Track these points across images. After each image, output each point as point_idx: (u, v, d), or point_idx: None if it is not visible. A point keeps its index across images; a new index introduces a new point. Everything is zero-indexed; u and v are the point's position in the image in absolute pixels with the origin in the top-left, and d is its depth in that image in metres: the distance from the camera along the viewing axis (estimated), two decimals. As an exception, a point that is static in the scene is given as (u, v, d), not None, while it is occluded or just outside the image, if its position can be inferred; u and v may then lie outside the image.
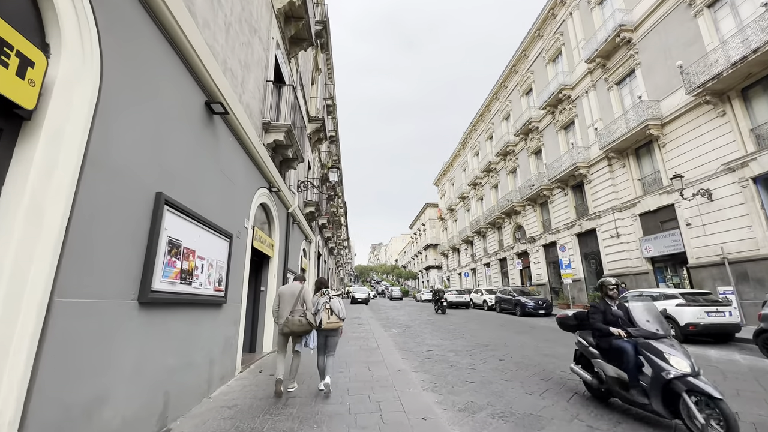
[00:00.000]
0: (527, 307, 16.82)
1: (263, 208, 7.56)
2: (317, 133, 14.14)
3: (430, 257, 56.46)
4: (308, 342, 4.83)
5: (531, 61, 24.72)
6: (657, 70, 14.70)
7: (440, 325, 13.44)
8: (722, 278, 11.87)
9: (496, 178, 30.61)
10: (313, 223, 15.00)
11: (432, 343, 9.19)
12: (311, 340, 4.82)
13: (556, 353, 7.52)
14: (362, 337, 9.62)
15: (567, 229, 20.50)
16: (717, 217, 12.14)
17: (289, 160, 8.33)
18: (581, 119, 19.43)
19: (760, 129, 11.19)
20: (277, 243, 8.27)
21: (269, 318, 7.77)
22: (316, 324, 4.70)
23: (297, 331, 4.64)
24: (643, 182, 15.79)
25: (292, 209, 9.42)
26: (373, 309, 24.14)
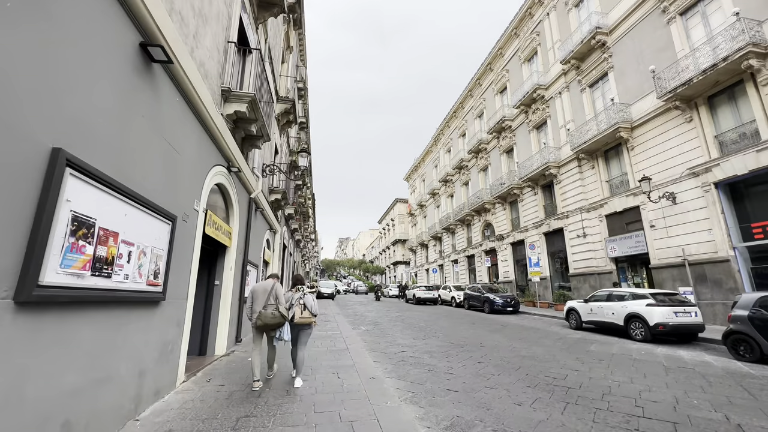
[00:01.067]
0: (496, 305, 16.77)
1: (220, 189, 6.57)
2: (286, 115, 13.06)
3: (398, 253, 56.32)
4: (282, 334, 4.89)
5: (507, 60, 24.78)
6: (629, 75, 14.97)
7: (411, 323, 12.95)
8: (682, 279, 12.28)
9: (467, 175, 30.69)
10: (278, 212, 13.94)
11: (404, 342, 8.62)
12: (285, 333, 4.90)
13: (535, 354, 7.19)
14: (330, 336, 8.86)
15: (535, 228, 20.77)
16: (680, 220, 12.52)
17: (252, 138, 7.35)
18: (554, 120, 19.65)
19: (723, 136, 11.58)
20: (236, 231, 7.30)
21: (224, 316, 6.82)
22: (288, 317, 4.87)
23: (270, 323, 4.81)
24: (610, 184, 16.15)
25: (255, 194, 8.43)
26: (339, 305, 23.35)
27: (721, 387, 5.00)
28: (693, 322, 8.82)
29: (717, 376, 5.58)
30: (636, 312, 9.24)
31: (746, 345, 6.87)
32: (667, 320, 8.67)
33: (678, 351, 7.77)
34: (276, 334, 4.91)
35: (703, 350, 7.95)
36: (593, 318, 10.75)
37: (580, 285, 16.98)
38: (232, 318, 7.32)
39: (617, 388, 4.91)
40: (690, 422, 3.74)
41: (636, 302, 9.41)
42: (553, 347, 8.03)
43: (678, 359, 6.88)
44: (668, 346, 8.35)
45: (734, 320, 7.11)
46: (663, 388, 4.91)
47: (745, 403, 4.35)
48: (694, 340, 9.23)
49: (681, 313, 8.81)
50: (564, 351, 7.58)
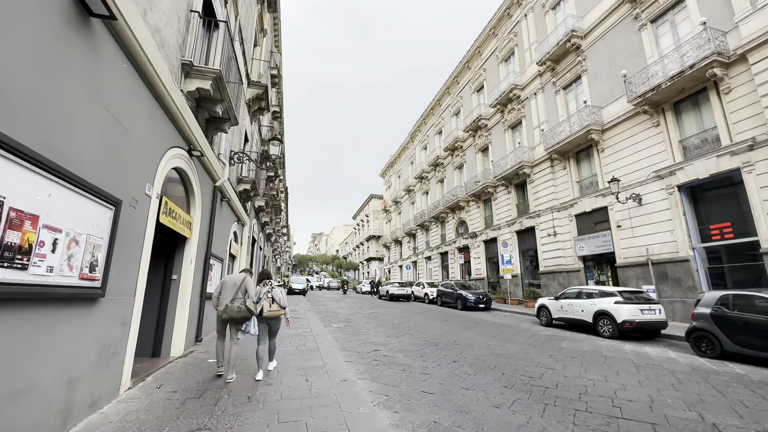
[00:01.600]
0: (468, 301, 16.87)
1: (179, 175, 5.96)
2: (258, 101, 12.37)
3: (372, 249, 56.06)
4: (248, 328, 4.94)
5: (484, 59, 24.95)
6: (601, 78, 15.37)
7: (384, 320, 12.70)
8: (645, 277, 12.77)
9: (442, 172, 30.80)
10: (248, 203, 13.23)
11: (377, 341, 8.33)
12: (251, 327, 4.95)
13: (509, 352, 7.11)
14: (299, 335, 8.42)
15: (508, 226, 21.09)
16: (645, 221, 12.99)
17: (218, 121, 6.76)
18: (528, 120, 19.96)
19: (687, 141, 12.08)
20: (198, 221, 6.70)
21: (182, 313, 6.24)
22: (256, 311, 4.91)
23: (236, 317, 4.82)
24: (581, 184, 16.58)
25: (221, 183, 7.82)
26: (311, 301, 22.78)
27: (690, 384, 5.06)
28: (657, 320, 9.10)
29: (684, 373, 5.68)
30: (604, 309, 9.44)
31: (708, 342, 7.10)
32: (633, 317, 8.90)
33: (644, 347, 7.96)
34: (243, 327, 4.96)
35: (666, 346, 8.20)
36: (563, 315, 10.92)
37: (549, 282, 17.38)
38: (192, 316, 6.73)
39: (593, 387, 4.85)
40: (668, 422, 3.68)
41: (604, 300, 9.61)
42: (527, 345, 8.01)
43: (645, 356, 7.01)
44: (635, 343, 8.56)
45: (697, 318, 7.34)
46: (637, 387, 4.90)
47: (715, 400, 4.38)
48: (657, 336, 9.55)
49: (646, 311, 9.07)
50: (537, 348, 7.56)
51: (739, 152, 10.30)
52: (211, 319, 8.22)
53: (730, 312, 6.86)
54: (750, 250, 10.23)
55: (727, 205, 10.98)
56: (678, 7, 12.56)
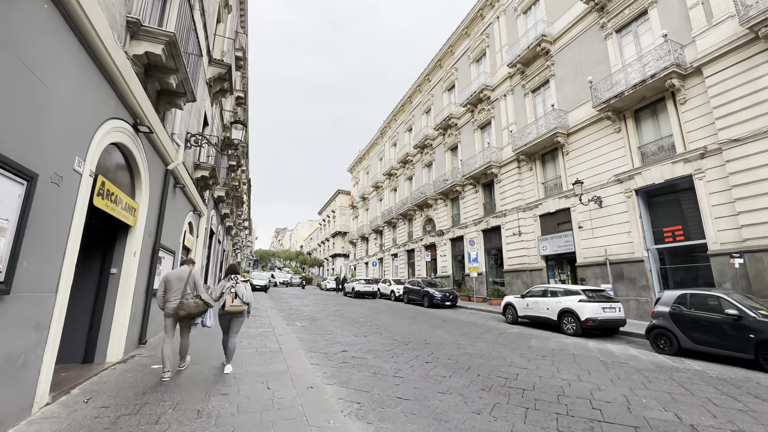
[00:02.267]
0: (435, 299, 16.84)
1: (122, 152, 5.15)
2: (220, 81, 11.41)
3: (337, 245, 55.19)
4: (205, 321, 5.00)
5: (456, 58, 25.08)
6: (568, 84, 15.85)
7: (350, 317, 12.26)
8: (603, 277, 13.32)
9: (411, 170, 30.75)
10: (206, 192, 12.21)
11: (345, 340, 7.89)
12: (208, 319, 5.00)
13: (481, 352, 6.96)
14: (260, 335, 7.78)
15: (474, 225, 21.37)
16: (604, 222, 13.55)
17: (171, 94, 5.96)
18: (498, 121, 20.28)
19: (645, 147, 12.70)
20: (145, 208, 5.88)
21: (123, 312, 5.44)
22: (213, 303, 4.92)
23: (194, 312, 4.79)
24: (546, 186, 17.06)
25: (175, 166, 6.99)
26: (273, 298, 21.81)
27: (659, 383, 5.11)
28: (617, 317, 9.42)
29: (650, 371, 5.78)
30: (569, 307, 9.63)
31: (666, 339, 7.37)
32: (596, 315, 9.14)
33: (607, 345, 8.16)
34: (199, 320, 5.00)
35: (626, 344, 8.47)
36: (529, 313, 11.08)
37: (513, 281, 17.78)
38: (135, 315, 5.92)
39: (569, 388, 4.74)
40: (649, 425, 3.59)
41: (569, 298, 9.82)
42: (496, 343, 7.93)
43: (610, 354, 7.14)
44: (597, 340, 8.78)
45: (657, 316, 7.61)
46: (610, 386, 4.86)
47: (686, 399, 4.41)
48: (616, 333, 9.90)
49: (608, 309, 9.36)
50: (507, 347, 7.49)
51: (691, 160, 10.93)
52: (159, 318, 7.37)
53: (687, 310, 7.15)
54: (698, 251, 10.91)
55: (679, 210, 11.65)
56: (641, 19, 13.14)
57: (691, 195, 11.12)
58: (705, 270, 10.69)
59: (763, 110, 9.37)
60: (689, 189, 11.14)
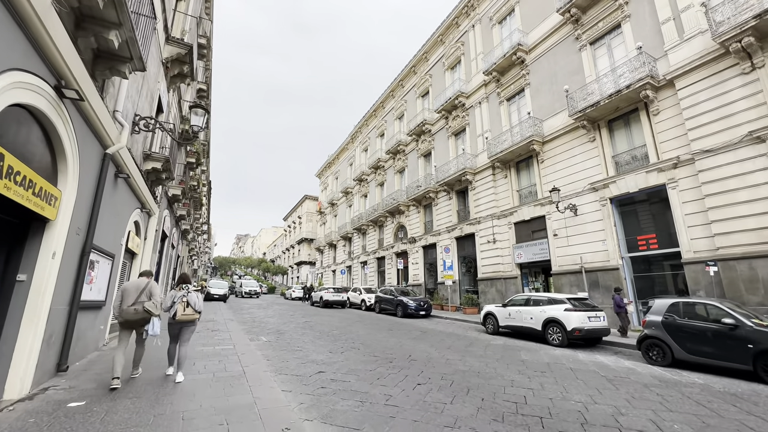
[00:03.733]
0: (409, 308, 16.12)
1: (37, 120, 3.95)
2: (179, 64, 10.12)
3: (303, 252, 53.20)
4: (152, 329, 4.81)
5: (431, 65, 24.99)
6: (543, 93, 16.00)
7: (321, 329, 11.18)
8: (578, 285, 13.27)
9: (383, 176, 30.15)
10: (158, 188, 10.73)
11: (319, 358, 6.89)
12: (152, 327, 4.81)
13: (474, 368, 6.26)
14: (219, 354, 6.59)
15: (448, 232, 21.02)
16: (579, 230, 13.57)
17: (113, 58, 4.81)
18: (472, 128, 20.21)
19: (619, 157, 12.90)
20: (72, 197, 4.64)
21: (31, 332, 4.15)
22: (155, 312, 4.74)
23: (131, 320, 4.70)
24: (520, 193, 17.04)
25: (116, 150, 5.74)
26: (233, 308, 20.04)
27: (678, 402, 4.64)
28: (602, 327, 9.17)
29: (656, 386, 5.35)
30: (554, 317, 9.26)
31: (659, 349, 7.10)
32: (582, 325, 8.82)
33: (597, 356, 7.79)
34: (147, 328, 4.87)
35: (614, 354, 8.17)
36: (511, 323, 10.63)
37: (487, 289, 17.48)
38: (53, 334, 4.61)
39: (588, 413, 4.13)
40: (701, 462, 3.01)
41: (554, 307, 9.46)
42: (487, 357, 7.29)
43: (606, 367, 6.73)
44: (585, 351, 8.42)
45: (648, 326, 7.34)
46: (630, 409, 4.32)
47: (718, 423, 3.94)
48: (598, 343, 9.65)
49: (593, 318, 9.08)
50: (500, 362, 6.86)
51: (665, 169, 11.13)
52: (89, 336, 6.00)
53: (680, 320, 6.92)
54: (672, 259, 11.05)
55: (653, 218, 11.83)
56: (615, 32, 13.47)
57: (664, 204, 11.30)
58: (679, 278, 10.83)
59: (732, 122, 9.64)
60: (663, 198, 11.32)
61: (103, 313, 6.62)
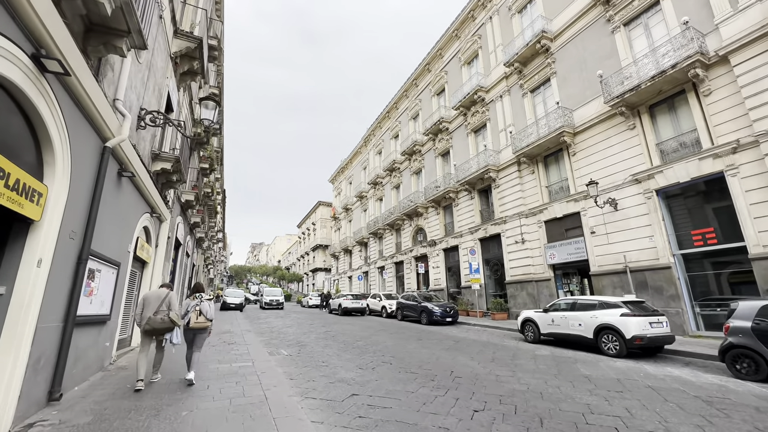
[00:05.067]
0: (434, 315, 15.12)
1: (12, 99, 3.26)
2: (189, 60, 9.56)
3: (318, 259, 52.69)
4: (171, 338, 5.20)
5: (446, 61, 24.16)
6: (572, 81, 14.95)
7: (344, 340, 10.33)
8: (622, 286, 12.07)
9: (399, 178, 29.31)
10: (170, 193, 10.14)
11: (349, 376, 6.02)
12: (174, 337, 5.21)
13: (534, 388, 5.29)
14: (236, 373, 5.79)
15: (471, 234, 19.97)
16: (621, 227, 12.40)
17: (109, 33, 4.12)
18: (494, 123, 19.22)
19: (664, 144, 11.74)
20: (62, 194, 3.94)
21: (13, 354, 3.43)
22: (180, 323, 5.17)
23: (158, 328, 5.02)
24: (550, 189, 15.93)
25: (117, 143, 5.06)
26: (249, 317, 19.40)
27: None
28: (666, 334, 8.03)
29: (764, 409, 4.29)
30: (608, 323, 8.17)
31: (749, 361, 5.98)
32: (644, 332, 7.71)
33: (668, 369, 6.69)
34: (167, 337, 5.22)
35: (686, 366, 7.04)
36: (554, 330, 9.56)
37: (517, 293, 16.36)
38: (44, 357, 3.89)
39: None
40: None
41: (607, 312, 8.36)
42: (541, 373, 6.30)
43: (689, 383, 5.65)
44: (649, 362, 7.32)
45: (734, 332, 6.23)
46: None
47: None
48: (658, 352, 8.48)
49: (655, 324, 7.96)
50: (560, 379, 5.86)
51: (722, 155, 9.95)
52: (90, 355, 5.29)
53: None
54: (735, 255, 9.82)
55: (708, 210, 10.62)
56: (652, 10, 12.38)
57: (722, 193, 10.10)
58: (745, 275, 9.58)
59: (805, 97, 8.48)
60: (721, 187, 10.12)
61: (108, 329, 5.93)
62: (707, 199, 10.67)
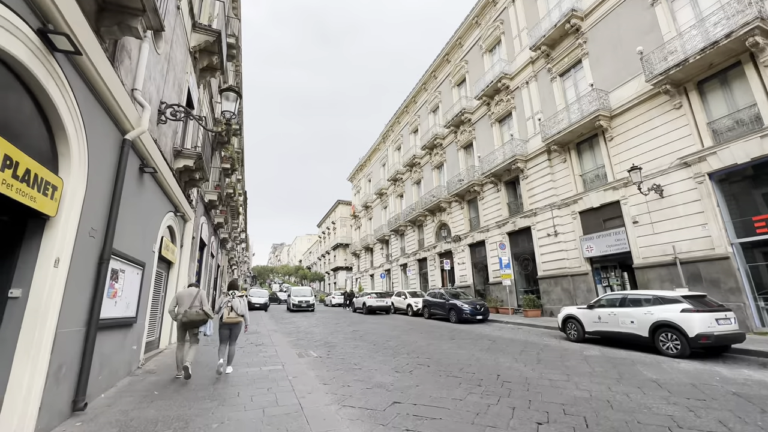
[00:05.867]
0: (464, 313, 14.49)
1: (18, 78, 2.94)
2: (208, 55, 9.34)
3: (339, 258, 52.70)
4: (206, 330, 5.87)
5: (466, 50, 23.33)
6: (606, 61, 13.95)
7: (374, 340, 9.91)
8: (672, 279, 11.10)
9: (419, 173, 28.69)
10: (193, 191, 9.98)
11: (387, 381, 5.56)
12: (208, 328, 5.90)
13: (596, 394, 4.68)
14: (266, 378, 5.44)
15: (498, 228, 19.17)
16: (668, 215, 11.42)
17: (120, 7, 3.80)
18: (520, 111, 18.33)
19: (717, 123, 10.69)
20: (80, 189, 3.65)
21: (29, 360, 3.14)
22: (212, 315, 5.77)
23: (195, 320, 5.56)
24: (584, 178, 14.98)
25: (136, 135, 4.78)
26: (274, 317, 19.32)
27: None
28: (735, 331, 7.16)
29: None
30: (667, 320, 7.37)
31: None
32: (710, 330, 6.90)
33: (745, 371, 5.90)
34: (201, 329, 5.81)
35: (763, 367, 6.21)
36: (602, 328, 8.80)
37: (550, 288, 15.52)
38: (63, 366, 3.61)
39: None
40: None
41: (665, 308, 7.56)
42: (600, 376, 5.65)
43: (779, 388, 4.89)
44: (720, 364, 6.52)
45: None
46: None
47: None
48: (725, 352, 7.61)
49: (722, 320, 7.12)
50: (625, 384, 5.20)
51: (789, 130, 8.90)
52: (116, 360, 5.04)
53: None
54: (808, 243, 8.77)
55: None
56: (699, -23, 11.31)
57: (791, 174, 9.05)
58: (821, 266, 8.54)
59: None
60: (788, 167, 9.07)
61: (134, 332, 5.70)
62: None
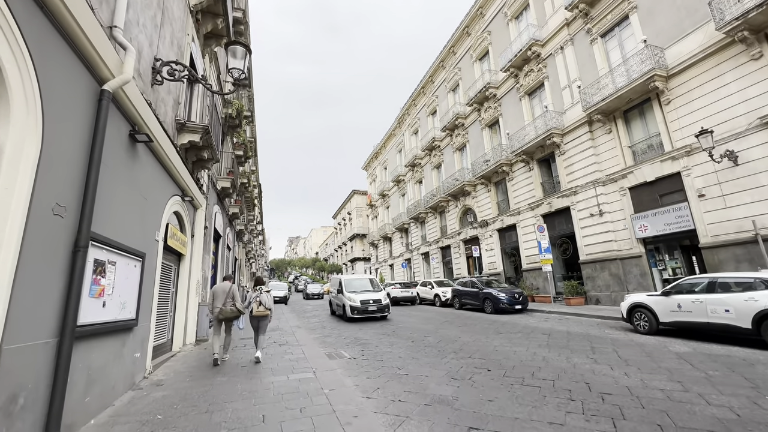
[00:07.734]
0: (501, 302, 13.23)
1: None
2: (212, 18, 8.21)
3: (356, 248, 51.86)
4: (239, 324, 6.35)
5: (488, 20, 21.53)
6: (660, 13, 12.17)
7: (408, 336, 8.81)
8: (751, 259, 9.57)
9: (439, 157, 27.20)
10: (202, 175, 8.98)
11: (446, 393, 4.40)
12: (240, 322, 6.35)
13: (737, 408, 3.42)
14: (296, 391, 4.36)
15: (531, 210, 17.69)
16: (745, 185, 9.82)
17: None
18: (554, 80, 16.63)
19: (810, 72, 8.97)
20: (32, 149, 2.57)
21: None
22: (244, 311, 6.36)
23: (229, 316, 6.16)
24: (633, 150, 13.34)
25: (118, 85, 3.67)
26: (295, 310, 18.51)
27: None
28: None
29: None
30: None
31: None
32: (842, 319, 5.48)
33: None
34: (235, 323, 6.36)
35: None
36: (683, 318, 7.42)
37: (596, 274, 14.07)
38: (24, 393, 2.59)
39: None
40: None
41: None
42: (722, 384, 4.37)
43: None
44: None
45: None
46: None
47: None
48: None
49: None
50: (761, 391, 3.91)
51: None
52: (113, 374, 4.04)
53: None
54: None
55: None
56: None
57: None
58: None
59: None
60: None
61: (136, 336, 4.71)
62: None
